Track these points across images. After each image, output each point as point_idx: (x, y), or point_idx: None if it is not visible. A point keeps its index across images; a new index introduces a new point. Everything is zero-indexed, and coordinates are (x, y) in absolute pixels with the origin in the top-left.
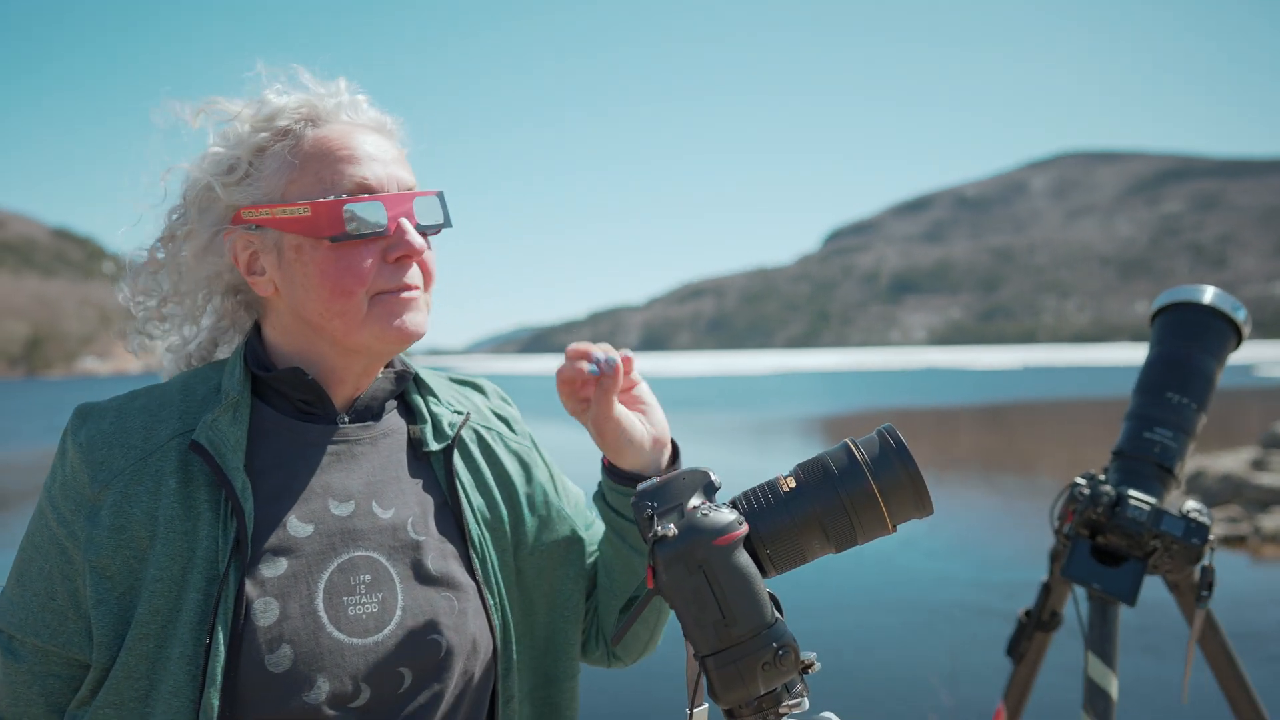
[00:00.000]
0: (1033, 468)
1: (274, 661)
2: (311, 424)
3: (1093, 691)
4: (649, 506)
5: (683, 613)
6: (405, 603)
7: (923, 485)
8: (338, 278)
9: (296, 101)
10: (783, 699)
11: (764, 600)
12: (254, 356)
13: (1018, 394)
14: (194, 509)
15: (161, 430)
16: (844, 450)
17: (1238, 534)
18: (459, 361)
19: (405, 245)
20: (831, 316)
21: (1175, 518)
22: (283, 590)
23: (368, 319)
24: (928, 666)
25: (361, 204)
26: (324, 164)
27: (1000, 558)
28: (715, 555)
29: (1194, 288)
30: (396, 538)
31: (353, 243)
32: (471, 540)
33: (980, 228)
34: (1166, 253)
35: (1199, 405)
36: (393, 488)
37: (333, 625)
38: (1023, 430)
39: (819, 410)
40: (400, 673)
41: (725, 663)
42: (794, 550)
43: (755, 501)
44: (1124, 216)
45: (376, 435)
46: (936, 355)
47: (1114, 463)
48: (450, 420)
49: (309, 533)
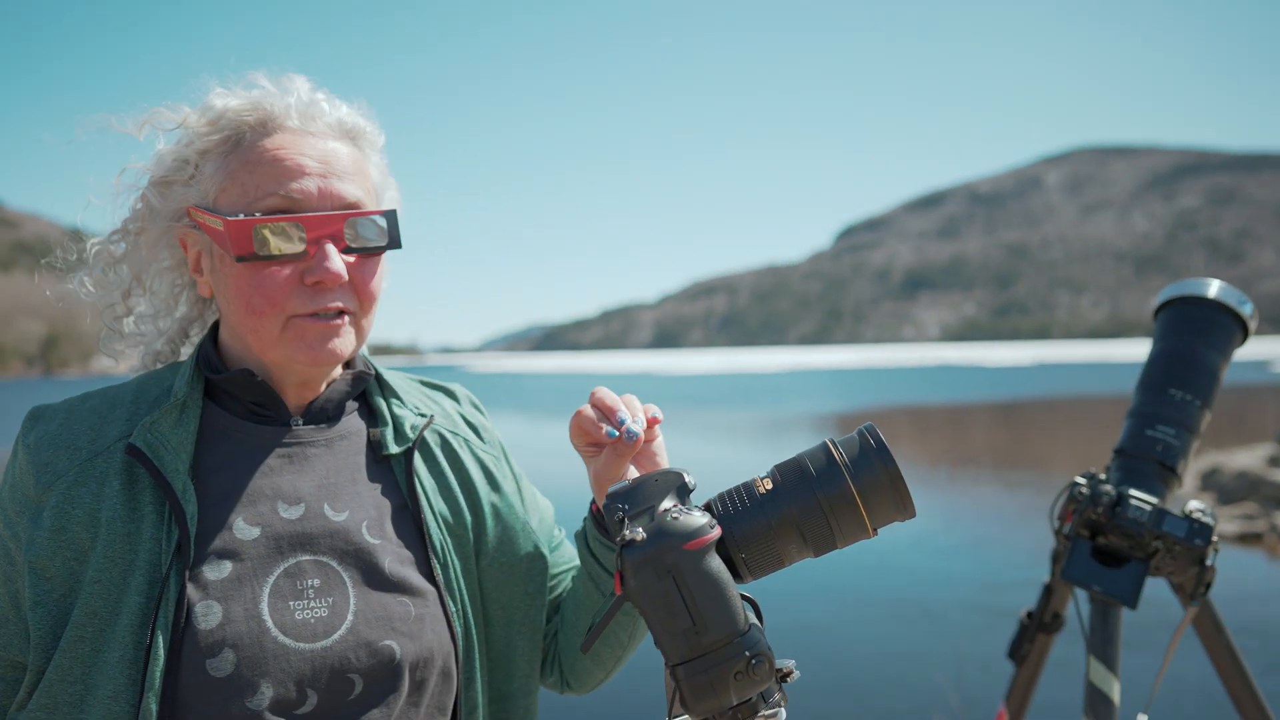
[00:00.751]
0: (1047, 465)
1: (215, 666)
2: (264, 426)
3: (1094, 696)
4: (620, 509)
5: (652, 620)
6: (357, 608)
7: (903, 486)
8: (249, 296)
9: (243, 104)
10: (759, 708)
11: (736, 607)
12: (206, 358)
13: (1032, 390)
14: (137, 511)
15: (109, 431)
16: (822, 450)
17: (1254, 531)
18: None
19: (321, 271)
20: (844, 313)
21: (1178, 518)
22: (226, 593)
23: (280, 340)
24: (935, 667)
25: (275, 224)
26: (251, 176)
27: (1011, 557)
28: (685, 560)
29: (1199, 281)
30: (349, 541)
31: (265, 262)
32: (432, 545)
33: (994, 223)
34: (1182, 248)
35: (1203, 402)
36: (348, 490)
37: (278, 629)
38: (1036, 427)
39: (832, 408)
40: (350, 679)
41: (695, 672)
42: (770, 554)
43: (730, 504)
44: (1139, 211)
45: (332, 437)
46: (950, 352)
47: (1115, 461)
48: (413, 423)
49: (255, 535)
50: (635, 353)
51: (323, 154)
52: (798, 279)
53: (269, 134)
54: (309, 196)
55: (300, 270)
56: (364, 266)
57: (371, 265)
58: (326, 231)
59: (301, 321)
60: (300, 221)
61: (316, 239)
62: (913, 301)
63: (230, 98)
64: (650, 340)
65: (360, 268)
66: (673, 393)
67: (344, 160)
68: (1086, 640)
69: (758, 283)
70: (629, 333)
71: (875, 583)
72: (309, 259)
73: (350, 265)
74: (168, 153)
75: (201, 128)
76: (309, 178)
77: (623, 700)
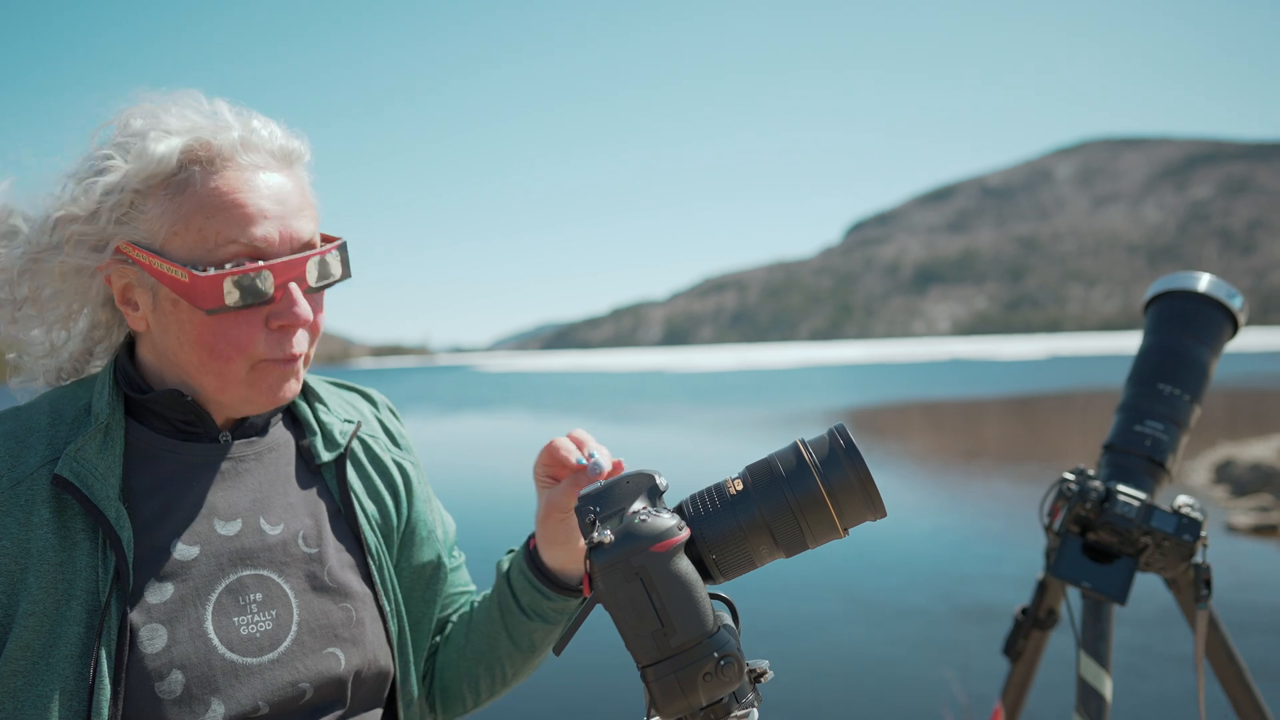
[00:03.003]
0: (1059, 459)
1: (165, 689)
2: (193, 443)
3: (1086, 692)
4: (591, 511)
5: (621, 622)
6: (300, 617)
7: (873, 487)
8: (214, 345)
9: (187, 141)
10: (731, 709)
11: (705, 608)
12: (125, 377)
13: (1044, 384)
14: (69, 539)
15: (30, 458)
16: (792, 451)
17: (1268, 523)
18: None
19: (290, 316)
20: (855, 308)
21: (1166, 513)
22: (170, 616)
23: (242, 383)
24: (943, 663)
25: (246, 276)
26: (210, 223)
27: (1020, 551)
28: (653, 562)
29: (1188, 275)
30: (287, 553)
31: (234, 312)
32: (369, 548)
33: (1005, 216)
34: (1195, 239)
35: (1192, 396)
36: (280, 502)
37: (225, 647)
38: (1048, 422)
39: (843, 403)
40: (301, 687)
41: (664, 673)
42: (741, 555)
43: (701, 505)
44: (1151, 202)
45: (262, 450)
46: (961, 346)
47: (1104, 457)
48: (341, 429)
49: (194, 555)
50: (646, 350)
51: (275, 193)
52: (808, 274)
53: (217, 172)
54: (270, 243)
55: (265, 315)
56: (317, 301)
57: (321, 300)
58: (291, 274)
59: (267, 366)
60: (268, 270)
61: (283, 283)
62: (923, 296)
63: (170, 138)
64: (661, 337)
65: (314, 304)
66: (684, 389)
67: (293, 195)
68: (1077, 636)
69: (768, 278)
70: (639, 330)
71: (882, 576)
72: (275, 303)
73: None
74: (95, 186)
75: (137, 168)
76: (269, 221)
77: (604, 701)
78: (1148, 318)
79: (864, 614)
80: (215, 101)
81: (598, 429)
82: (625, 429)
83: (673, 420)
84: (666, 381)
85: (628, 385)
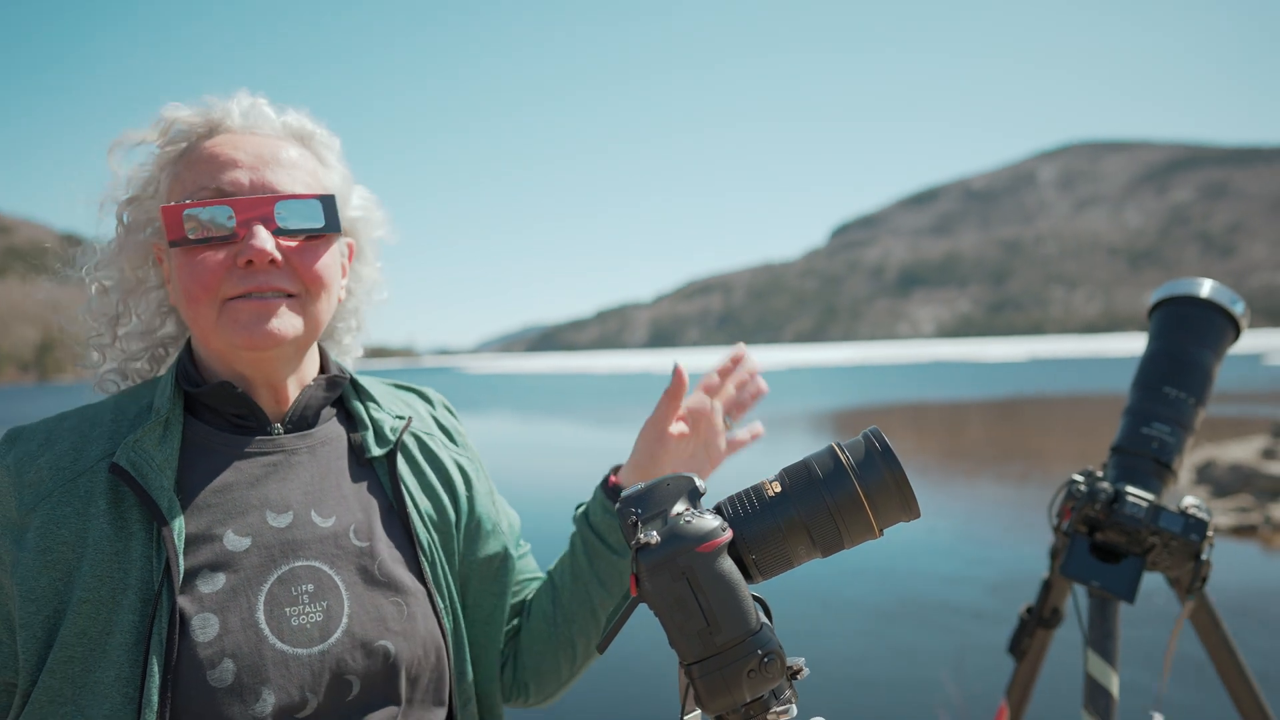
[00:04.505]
0: (1042, 461)
1: (216, 677)
2: (245, 436)
3: (1093, 689)
4: (633, 513)
5: (667, 621)
6: (351, 610)
7: (908, 488)
8: (188, 283)
9: (191, 113)
10: (770, 705)
11: (748, 607)
12: (184, 373)
13: (1027, 387)
14: (126, 529)
15: (91, 451)
16: (829, 454)
17: (1248, 524)
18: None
19: (249, 250)
20: (839, 311)
21: (1173, 514)
22: (221, 605)
23: (218, 325)
24: (937, 664)
25: (204, 208)
26: (190, 173)
27: (1007, 553)
28: (699, 562)
29: (1191, 281)
30: (339, 545)
31: (199, 248)
32: (420, 543)
33: (988, 219)
34: (1175, 242)
35: (1197, 400)
36: (333, 495)
37: (275, 636)
38: (1032, 424)
39: (828, 405)
40: (348, 680)
41: (710, 670)
42: (779, 555)
43: (740, 507)
44: (1133, 206)
45: (314, 444)
46: (945, 348)
47: (1112, 459)
48: (391, 425)
49: (246, 546)
50: (631, 352)
51: (259, 148)
52: (793, 277)
53: (212, 138)
54: (239, 186)
55: (233, 253)
56: (306, 250)
57: (314, 248)
58: (256, 214)
59: (235, 304)
60: (228, 204)
61: (246, 220)
62: (907, 298)
63: (180, 109)
64: (646, 339)
65: (302, 252)
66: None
67: (284, 155)
68: (1085, 635)
69: (753, 281)
70: (625, 332)
71: (871, 581)
72: (239, 241)
73: (291, 249)
74: (135, 172)
75: (158, 141)
76: (240, 169)
77: (635, 705)
78: (1152, 323)
79: (849, 616)
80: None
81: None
82: (612, 431)
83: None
84: (652, 383)
85: (614, 387)
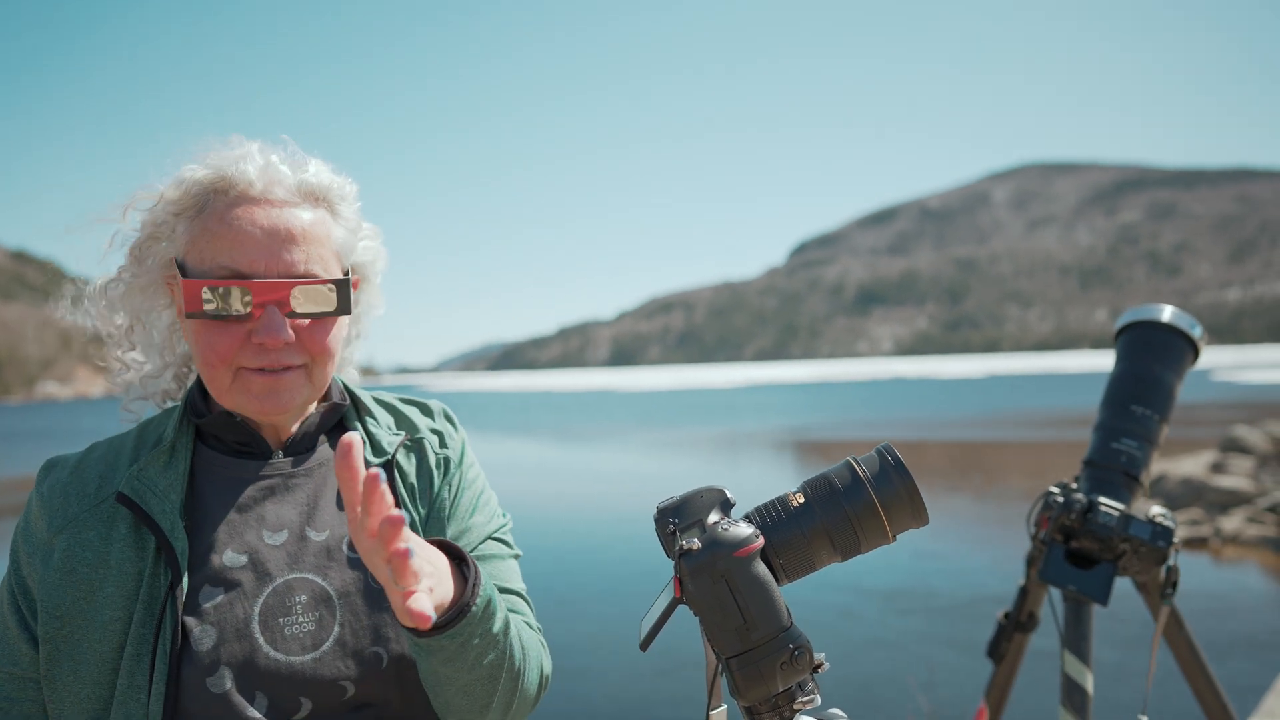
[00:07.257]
0: (1001, 477)
1: (214, 683)
2: (248, 461)
3: (1070, 687)
4: (671, 523)
5: (707, 619)
6: (343, 618)
7: (919, 498)
8: (203, 350)
9: (209, 173)
10: (796, 696)
11: (781, 606)
12: (193, 403)
13: (983, 403)
14: (144, 551)
15: (116, 478)
16: (847, 468)
17: (1199, 536)
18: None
19: (264, 333)
20: (799, 329)
21: (1142, 522)
22: (220, 618)
23: (232, 390)
24: (905, 670)
25: (223, 288)
26: (210, 244)
27: (971, 564)
28: (736, 566)
29: (1154, 307)
30: (331, 557)
31: (216, 321)
32: None
33: (944, 239)
34: (1124, 261)
35: (1161, 416)
36: (327, 510)
37: (269, 646)
38: (991, 440)
39: (788, 422)
40: (341, 685)
41: (747, 664)
42: (804, 560)
43: (768, 516)
44: (1083, 226)
45: (311, 466)
46: (903, 365)
47: (1085, 472)
48: (389, 440)
49: (243, 563)
50: (593, 370)
51: (275, 222)
52: (753, 295)
53: (231, 200)
54: (255, 268)
55: (247, 330)
56: (316, 329)
57: (324, 325)
58: (272, 297)
59: (248, 375)
60: (246, 286)
61: (262, 303)
62: (866, 316)
63: (198, 169)
64: (608, 357)
65: (313, 330)
66: (631, 410)
67: (299, 229)
68: (1061, 636)
69: (714, 299)
70: (587, 350)
71: (841, 591)
72: (254, 321)
73: (302, 327)
74: (150, 218)
75: (174, 195)
76: (258, 249)
77: (655, 700)
78: (1119, 345)
79: (821, 622)
80: (250, 142)
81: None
82: (572, 449)
83: (620, 440)
84: (613, 401)
85: (575, 405)
